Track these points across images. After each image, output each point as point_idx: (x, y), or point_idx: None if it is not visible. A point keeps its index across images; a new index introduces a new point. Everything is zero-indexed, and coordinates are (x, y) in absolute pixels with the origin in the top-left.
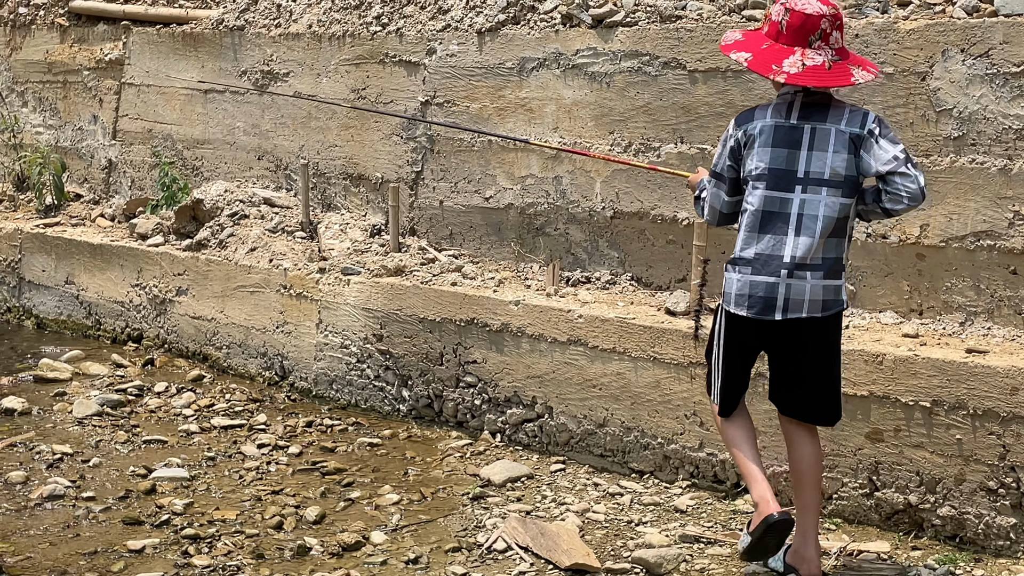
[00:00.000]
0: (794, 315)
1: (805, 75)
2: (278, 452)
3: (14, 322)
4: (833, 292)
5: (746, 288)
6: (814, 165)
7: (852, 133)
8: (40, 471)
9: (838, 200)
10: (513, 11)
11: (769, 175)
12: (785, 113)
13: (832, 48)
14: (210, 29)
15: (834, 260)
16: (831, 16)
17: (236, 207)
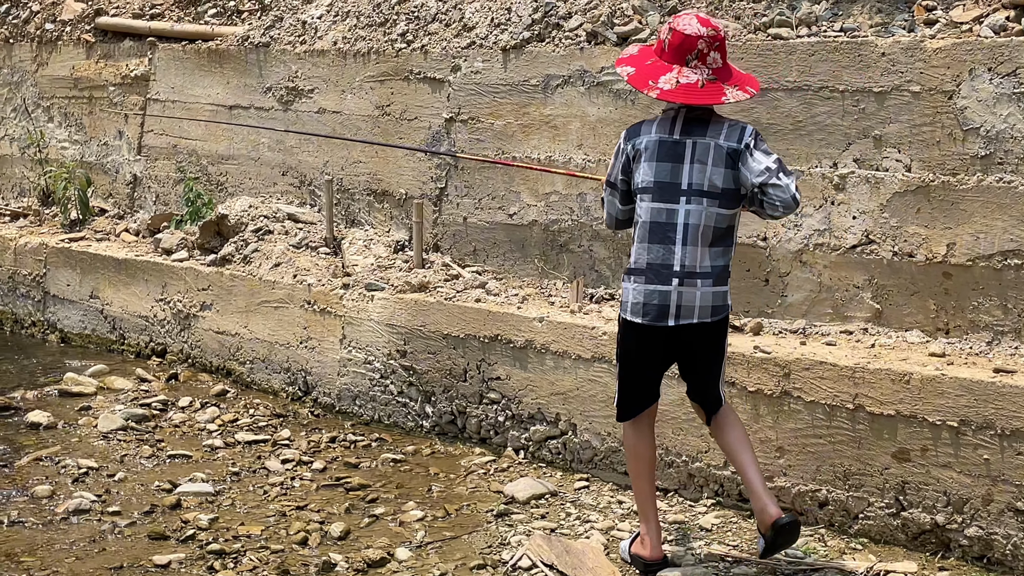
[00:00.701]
0: (686, 321)
1: (677, 92)
2: (302, 467)
3: (38, 336)
4: (721, 298)
5: (641, 297)
6: (695, 177)
7: (729, 148)
8: (66, 485)
9: (717, 211)
10: (538, 28)
11: (655, 187)
12: (669, 128)
13: (709, 68)
14: (235, 46)
15: (722, 268)
16: (709, 38)
17: (260, 223)
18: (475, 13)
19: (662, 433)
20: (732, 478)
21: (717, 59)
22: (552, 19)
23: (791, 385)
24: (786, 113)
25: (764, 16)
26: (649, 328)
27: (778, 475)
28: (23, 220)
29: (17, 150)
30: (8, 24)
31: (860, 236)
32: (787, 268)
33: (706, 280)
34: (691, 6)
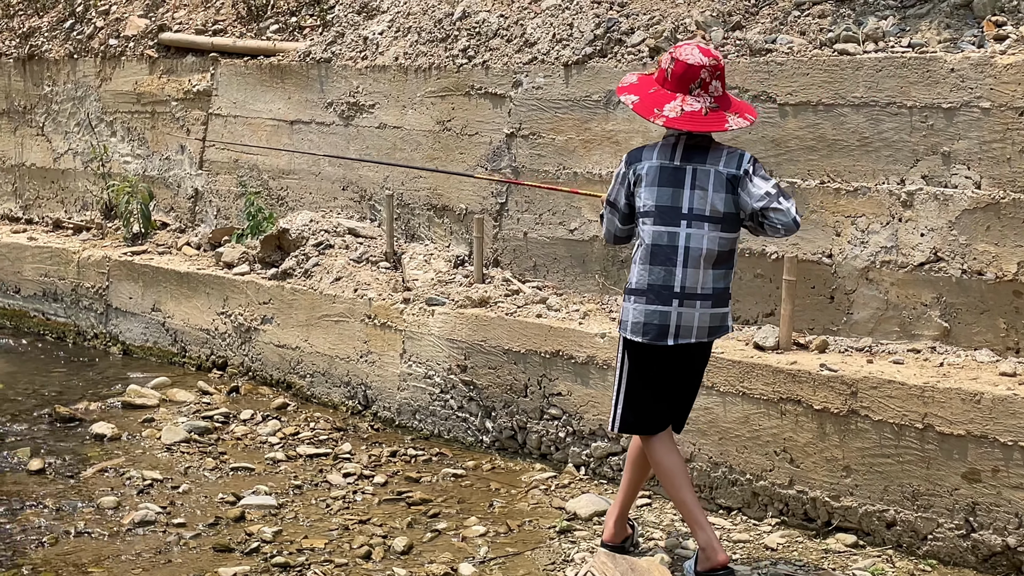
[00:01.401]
0: (684, 340)
1: (682, 120)
2: (364, 481)
3: (101, 348)
4: (720, 319)
5: (642, 317)
6: (696, 202)
7: (729, 174)
8: (131, 496)
9: (718, 234)
10: (600, 44)
11: (656, 212)
12: (670, 155)
13: (711, 96)
14: (297, 61)
15: (722, 290)
16: (711, 67)
17: (321, 237)
18: (537, 29)
19: (726, 451)
20: (797, 497)
21: (718, 88)
22: (614, 35)
23: (858, 404)
24: (852, 129)
25: (830, 31)
26: (649, 347)
27: (844, 495)
28: (86, 233)
29: (80, 164)
30: (72, 40)
31: (928, 253)
32: (853, 285)
33: (705, 301)
34: (754, 22)
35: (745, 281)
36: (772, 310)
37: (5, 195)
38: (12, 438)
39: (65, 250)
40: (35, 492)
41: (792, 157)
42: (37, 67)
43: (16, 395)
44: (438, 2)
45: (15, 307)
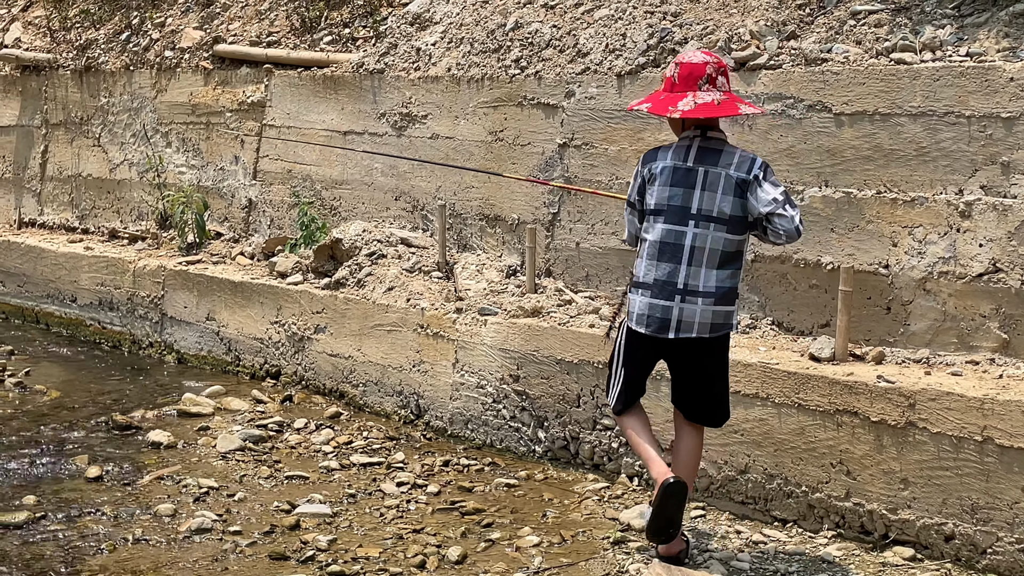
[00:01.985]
0: (685, 335)
1: (697, 110)
2: (417, 491)
3: (156, 357)
4: (723, 317)
5: (646, 309)
6: (706, 203)
7: (739, 178)
8: (187, 504)
9: (724, 236)
10: (653, 54)
11: (667, 210)
12: (683, 156)
13: (720, 90)
14: (350, 72)
15: (728, 289)
16: (714, 64)
17: (374, 247)
18: (589, 39)
19: (781, 463)
20: (854, 509)
21: (724, 83)
22: (667, 44)
23: (916, 416)
24: (909, 139)
25: (887, 41)
26: (651, 338)
27: (902, 507)
28: (141, 243)
29: (136, 174)
30: (129, 51)
31: (987, 264)
32: (910, 296)
33: (707, 299)
34: (809, 32)
35: (800, 291)
36: (828, 321)
37: (62, 205)
38: (70, 445)
39: (121, 260)
40: (93, 499)
41: (848, 167)
42: (94, 79)
43: (73, 403)
44: (491, 13)
45: (72, 316)
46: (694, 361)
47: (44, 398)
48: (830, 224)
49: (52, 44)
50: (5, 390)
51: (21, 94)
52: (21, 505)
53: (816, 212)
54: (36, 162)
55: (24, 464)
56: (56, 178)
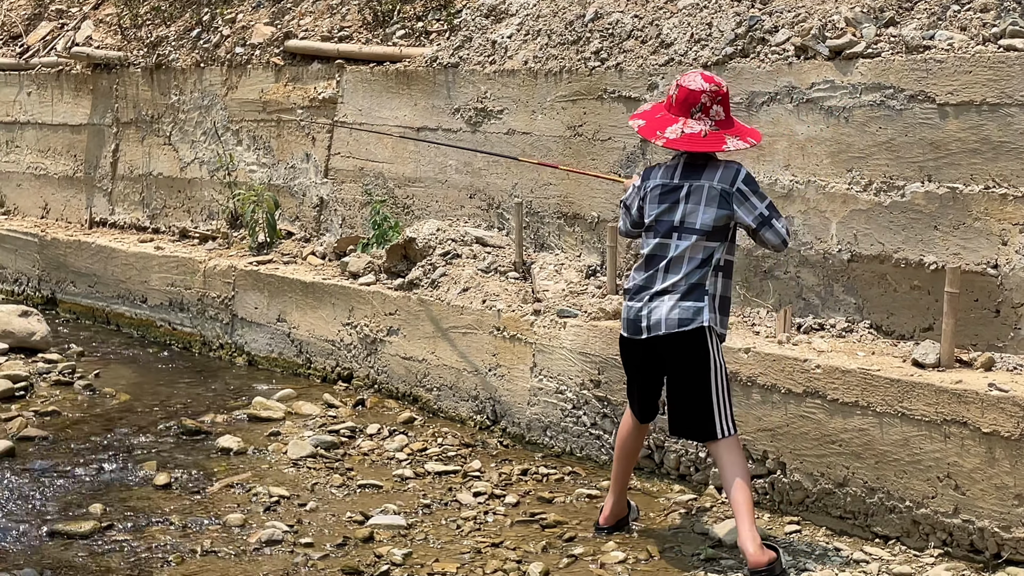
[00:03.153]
0: (655, 333)
1: (681, 140)
2: (494, 501)
3: (226, 359)
4: (691, 312)
5: (625, 313)
6: (688, 217)
7: (723, 189)
8: (258, 514)
9: (704, 243)
10: (742, 44)
11: (655, 226)
12: (671, 174)
13: (712, 120)
14: (424, 67)
15: (694, 284)
16: (711, 92)
17: (448, 246)
18: (673, 29)
19: (883, 476)
20: (963, 526)
21: (720, 112)
22: (757, 33)
23: None
24: (1021, 130)
25: (994, 26)
26: (629, 341)
27: (1016, 525)
28: (212, 243)
29: (206, 173)
30: (199, 48)
31: None
32: (1021, 298)
33: (673, 295)
34: (910, 18)
35: (901, 293)
36: (930, 324)
37: (133, 205)
38: (139, 451)
39: (191, 259)
40: (161, 508)
41: (952, 160)
42: (164, 76)
43: (142, 407)
44: (569, 4)
45: (142, 316)
46: (675, 366)
47: (113, 401)
48: (933, 221)
49: (123, 42)
50: (74, 392)
51: (92, 92)
52: (88, 514)
53: (918, 209)
54: (107, 161)
55: (92, 470)
56: (127, 177)
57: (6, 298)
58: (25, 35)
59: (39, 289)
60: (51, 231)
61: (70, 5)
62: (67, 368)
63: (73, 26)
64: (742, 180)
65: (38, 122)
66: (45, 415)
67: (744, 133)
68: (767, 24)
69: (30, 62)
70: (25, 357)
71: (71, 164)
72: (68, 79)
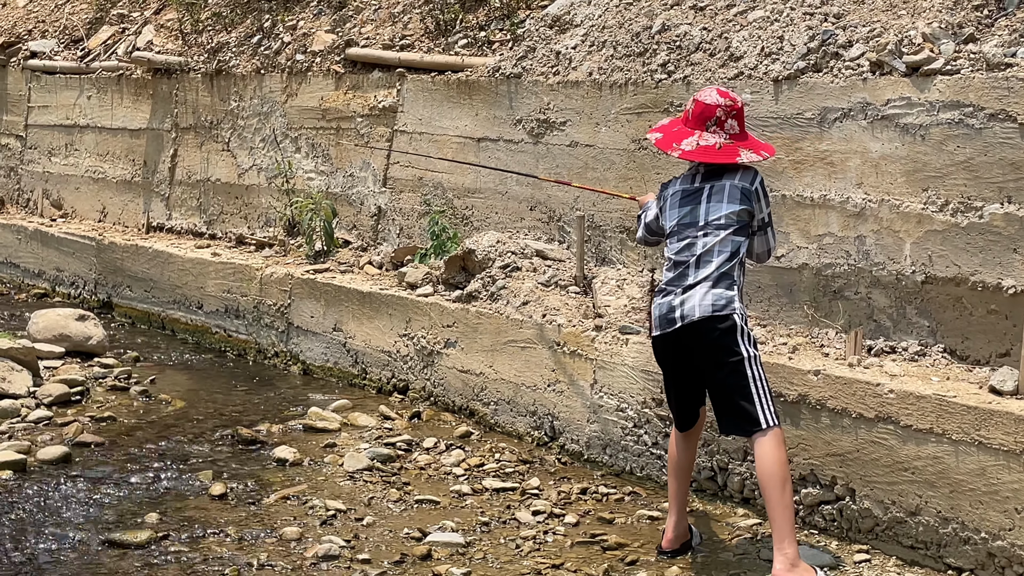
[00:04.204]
0: (688, 320)
1: (696, 152)
2: (554, 521)
3: (280, 367)
4: (721, 297)
5: (658, 310)
6: (712, 213)
7: (744, 187)
8: (314, 528)
9: (731, 237)
10: (814, 58)
11: (678, 228)
12: (691, 180)
13: (727, 133)
14: (486, 77)
15: (724, 273)
16: (726, 107)
17: (508, 259)
18: (743, 42)
19: (957, 506)
20: None
21: (734, 126)
22: (830, 48)
23: None
24: None
25: None
26: (665, 337)
27: None
28: (268, 250)
29: (264, 180)
30: (260, 55)
31: None
32: None
33: (703, 285)
34: (990, 35)
35: (977, 317)
36: (1007, 350)
37: (190, 210)
38: (194, 459)
39: (248, 266)
40: (217, 519)
41: None
42: (224, 82)
43: (198, 414)
44: (636, 15)
45: (197, 322)
46: (708, 363)
47: (169, 408)
48: (1013, 244)
49: (183, 47)
50: (130, 398)
51: (152, 97)
52: (144, 523)
53: (996, 231)
54: (165, 166)
55: (148, 478)
56: (185, 182)
57: (63, 300)
58: (86, 39)
59: (95, 293)
60: (108, 235)
61: (131, 10)
62: (123, 373)
63: (134, 31)
64: (759, 182)
65: (97, 126)
66: (101, 421)
67: (758, 147)
68: (841, 39)
69: (91, 66)
70: (81, 361)
71: (129, 168)
72: (128, 84)
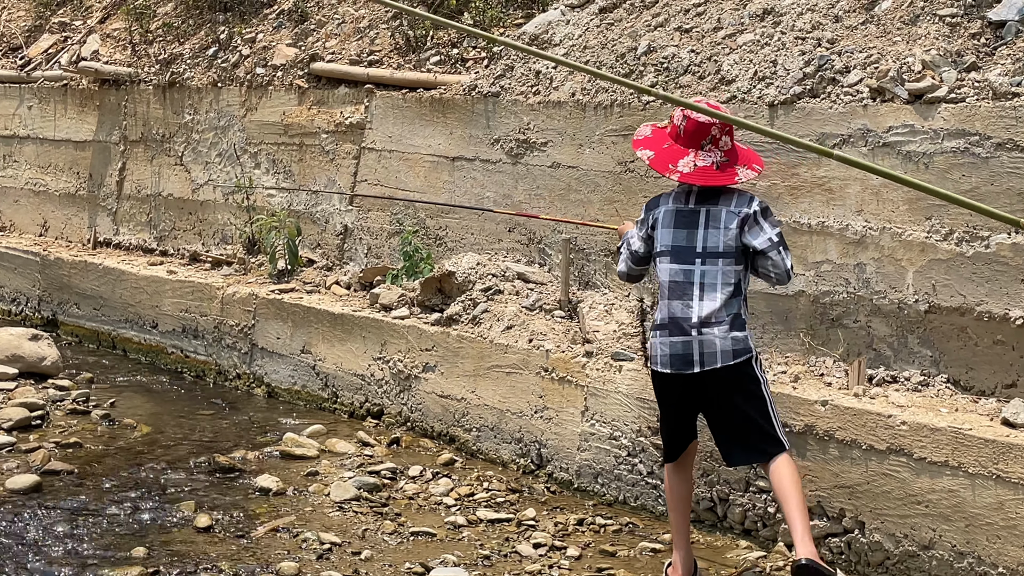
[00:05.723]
0: (709, 367)
1: (695, 175)
2: (556, 554)
3: (244, 389)
4: (741, 342)
5: (666, 348)
6: (711, 241)
7: (741, 212)
8: (311, 562)
9: (732, 268)
10: (810, 83)
11: (672, 251)
12: (684, 199)
13: (721, 151)
14: (461, 95)
15: (735, 315)
16: (720, 124)
17: (489, 281)
18: (734, 66)
19: (973, 540)
20: None
21: (727, 142)
22: (827, 73)
23: None
24: None
25: None
26: (675, 376)
27: None
28: (226, 268)
29: (221, 196)
30: (216, 67)
31: None
32: None
33: (722, 327)
34: (992, 63)
35: (982, 348)
36: (1014, 380)
37: (139, 225)
38: (172, 488)
39: (208, 285)
40: (207, 552)
41: None
42: (178, 95)
43: (167, 440)
44: (618, 36)
45: (152, 342)
46: (724, 396)
47: (135, 433)
48: (1020, 274)
49: (133, 58)
50: (92, 423)
51: (99, 108)
52: (131, 558)
53: (1004, 261)
54: (113, 179)
55: (127, 508)
56: (134, 196)
57: (3, 318)
58: (25, 47)
59: (39, 310)
60: (53, 250)
61: (73, 18)
62: (80, 396)
63: (78, 40)
64: (757, 204)
65: (39, 137)
66: (67, 447)
67: (750, 160)
68: (837, 64)
69: (32, 75)
70: (35, 383)
71: (73, 181)
72: (73, 94)
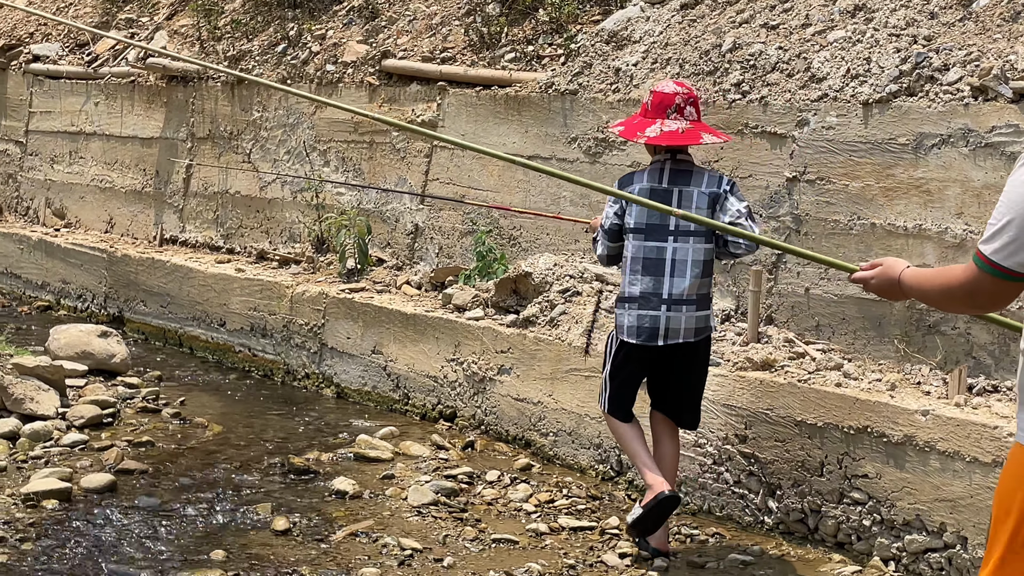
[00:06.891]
0: (673, 341)
1: (661, 138)
2: (644, 565)
3: (312, 389)
4: (704, 321)
5: (635, 321)
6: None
7: (711, 192)
8: (392, 568)
9: (703, 246)
10: (907, 81)
11: (647, 229)
12: (658, 178)
13: (687, 120)
14: (537, 93)
15: (703, 296)
16: (684, 95)
17: (567, 283)
18: (824, 63)
19: None
20: None
21: (692, 112)
22: (924, 71)
23: None
24: None
25: None
26: (641, 347)
27: None
28: (294, 266)
29: (289, 193)
30: (285, 64)
31: None
32: None
33: (690, 307)
34: None
35: None
36: None
37: (206, 223)
38: (247, 490)
39: (277, 284)
40: (286, 557)
41: None
42: (246, 92)
43: (238, 439)
44: (702, 32)
45: (219, 341)
46: (681, 366)
47: (207, 433)
48: None
49: (201, 55)
50: (163, 421)
51: (166, 105)
52: (210, 560)
53: None
54: (179, 176)
55: (202, 510)
56: (200, 194)
57: (69, 314)
58: (93, 43)
59: (105, 307)
60: (120, 247)
61: (140, 15)
62: (150, 394)
63: (145, 37)
64: (726, 183)
65: (105, 133)
66: (140, 446)
67: (716, 133)
68: (935, 62)
69: (99, 71)
70: (104, 380)
71: (140, 178)
72: (140, 90)
